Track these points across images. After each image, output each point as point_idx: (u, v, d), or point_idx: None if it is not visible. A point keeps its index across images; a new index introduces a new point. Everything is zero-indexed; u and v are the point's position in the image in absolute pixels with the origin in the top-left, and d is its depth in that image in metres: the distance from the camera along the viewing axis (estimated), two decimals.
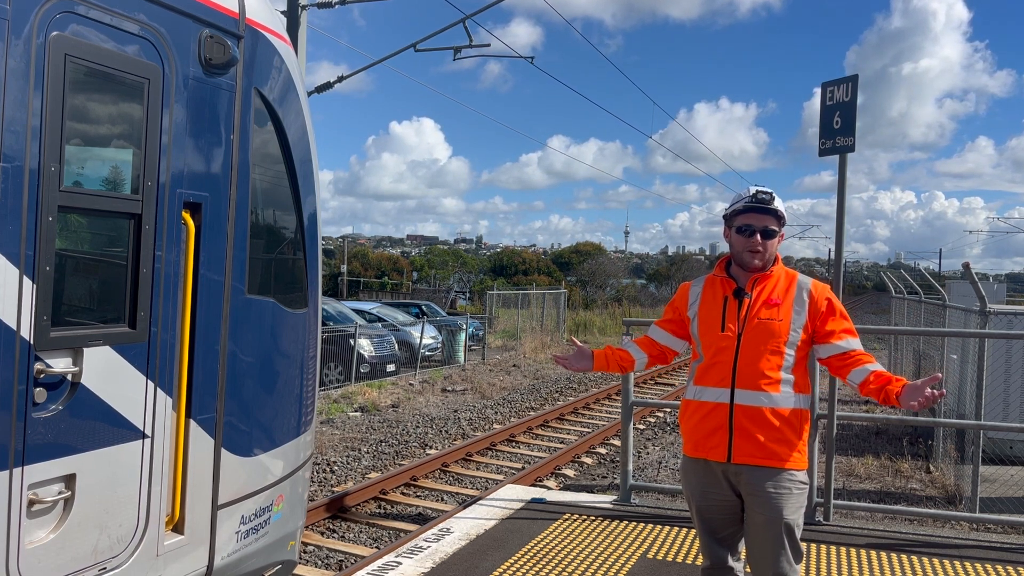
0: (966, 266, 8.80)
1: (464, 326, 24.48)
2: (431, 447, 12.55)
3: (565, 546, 5.68)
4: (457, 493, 10.05)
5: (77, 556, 3.43)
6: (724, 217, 3.82)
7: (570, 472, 11.45)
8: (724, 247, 3.86)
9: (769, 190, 3.73)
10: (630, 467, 6.88)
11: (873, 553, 5.65)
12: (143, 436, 3.66)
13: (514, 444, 13.15)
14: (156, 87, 3.61)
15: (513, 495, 6.99)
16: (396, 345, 20.66)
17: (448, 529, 5.98)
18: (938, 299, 13.59)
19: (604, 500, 7.01)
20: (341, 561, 7.64)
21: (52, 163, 3.20)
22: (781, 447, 3.58)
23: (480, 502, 6.83)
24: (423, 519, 8.88)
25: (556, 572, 5.19)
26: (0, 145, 3.03)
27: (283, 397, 4.62)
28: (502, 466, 11.68)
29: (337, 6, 15.58)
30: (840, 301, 3.91)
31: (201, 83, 3.85)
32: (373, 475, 10.71)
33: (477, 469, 11.46)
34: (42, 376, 3.24)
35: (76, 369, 3.38)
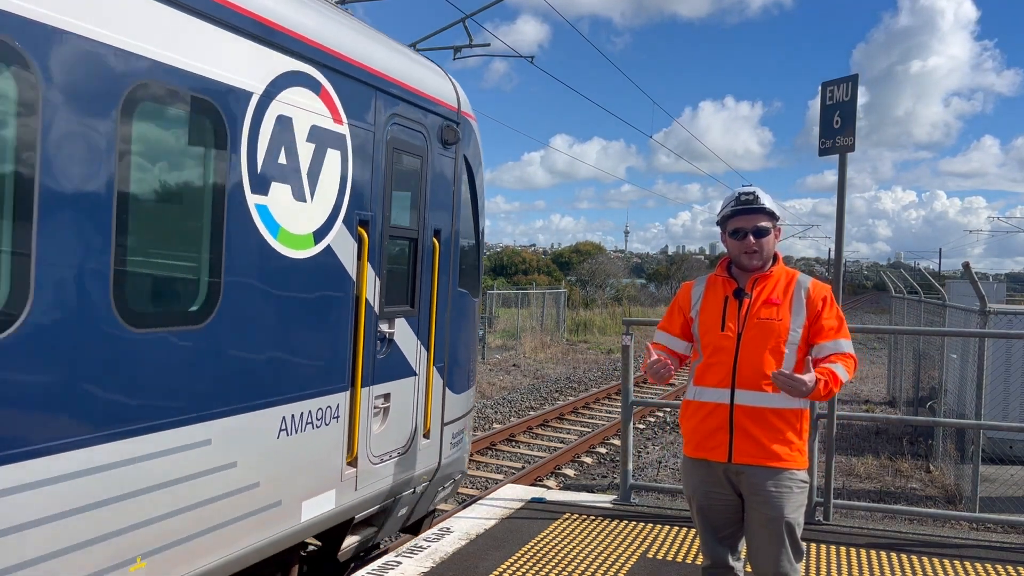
0: (966, 265, 8.80)
1: None
2: None
3: (565, 545, 5.68)
4: (457, 492, 10.04)
5: (392, 441, 5.76)
6: (717, 223, 3.85)
7: (570, 472, 11.45)
8: (723, 247, 3.88)
9: (752, 189, 3.74)
10: (630, 467, 6.88)
11: (873, 553, 5.65)
12: (414, 374, 5.97)
13: (514, 444, 13.16)
14: (425, 160, 5.98)
15: (513, 494, 6.99)
16: None
17: (448, 528, 5.98)
18: (938, 299, 13.59)
19: (604, 500, 7.01)
20: None
21: (386, 210, 5.46)
22: (782, 447, 3.59)
23: (480, 501, 6.83)
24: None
25: (556, 571, 5.19)
26: (370, 203, 5.27)
27: (468, 356, 6.99)
28: (502, 465, 11.69)
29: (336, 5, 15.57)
30: (838, 301, 3.91)
31: (441, 155, 6.22)
32: None
33: (477, 468, 11.46)
34: (380, 334, 5.49)
35: (392, 331, 5.63)
